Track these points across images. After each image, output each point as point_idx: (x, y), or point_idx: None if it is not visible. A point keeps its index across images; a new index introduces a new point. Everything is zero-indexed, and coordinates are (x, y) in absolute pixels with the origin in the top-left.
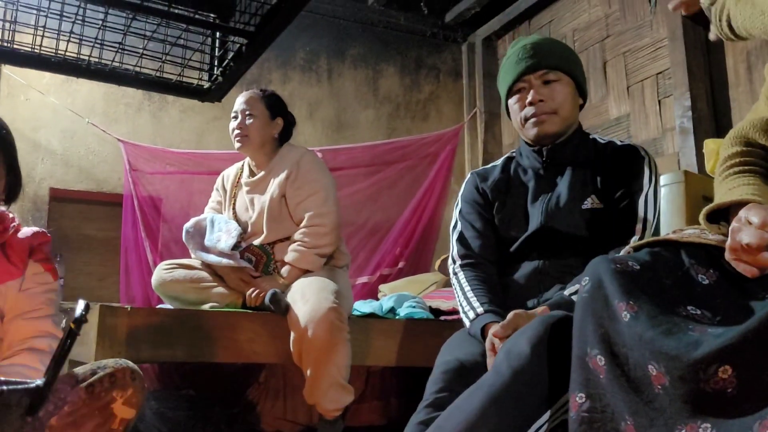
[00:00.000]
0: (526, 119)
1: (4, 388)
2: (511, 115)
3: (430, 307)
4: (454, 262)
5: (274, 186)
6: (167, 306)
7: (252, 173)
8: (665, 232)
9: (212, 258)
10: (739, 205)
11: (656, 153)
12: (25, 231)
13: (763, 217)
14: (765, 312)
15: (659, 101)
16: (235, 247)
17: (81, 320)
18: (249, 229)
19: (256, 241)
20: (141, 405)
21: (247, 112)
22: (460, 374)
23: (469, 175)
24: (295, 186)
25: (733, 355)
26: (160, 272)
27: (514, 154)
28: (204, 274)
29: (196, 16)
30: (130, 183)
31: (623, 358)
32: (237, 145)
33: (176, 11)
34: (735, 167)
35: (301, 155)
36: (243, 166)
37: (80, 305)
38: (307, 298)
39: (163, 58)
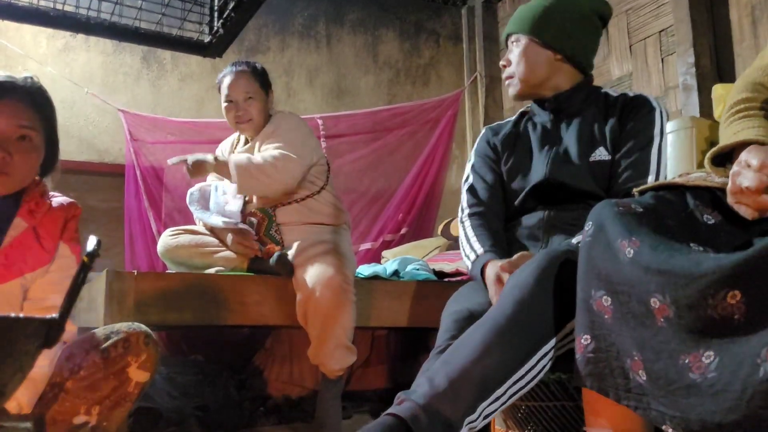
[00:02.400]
0: (503, 80)
1: (21, 315)
2: None
3: (433, 269)
4: (462, 211)
5: (258, 148)
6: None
7: (247, 141)
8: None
9: (214, 219)
10: (744, 146)
11: None
12: (57, 201)
13: (762, 159)
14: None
15: (662, 59)
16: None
17: (94, 254)
18: (247, 196)
19: (254, 206)
20: (155, 368)
21: (247, 96)
22: (471, 322)
23: (483, 130)
24: (271, 138)
25: (742, 279)
26: (166, 238)
27: (528, 110)
28: (209, 238)
29: None
30: (132, 153)
31: (626, 296)
32: (239, 129)
33: None
34: (741, 112)
35: (286, 116)
36: (238, 135)
37: (92, 240)
38: (313, 260)
39: (162, 10)
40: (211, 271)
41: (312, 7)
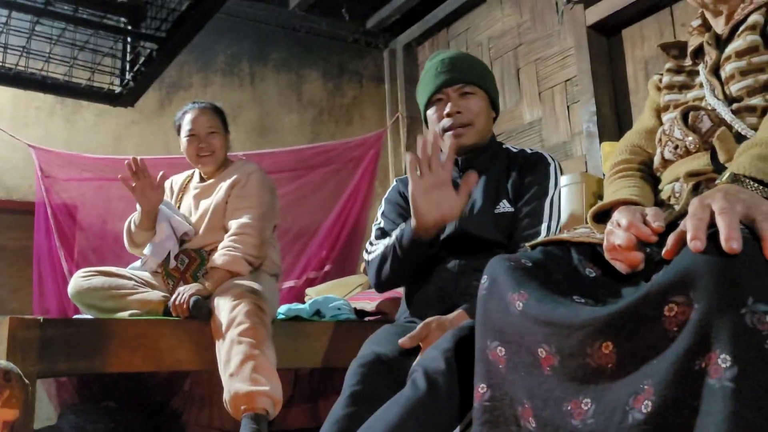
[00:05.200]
0: (444, 130)
1: None
2: (430, 125)
3: (355, 308)
4: (371, 245)
5: (221, 190)
6: (84, 316)
7: (202, 179)
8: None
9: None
10: (621, 205)
11: (566, 156)
12: None
13: (629, 219)
14: (638, 294)
15: (568, 107)
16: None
17: None
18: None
19: (192, 244)
20: (24, 402)
21: (211, 130)
22: (376, 368)
23: (394, 182)
24: (240, 193)
25: (613, 331)
26: (78, 280)
27: None
28: (123, 281)
29: (105, 21)
30: (43, 190)
31: (516, 346)
32: (199, 164)
33: (83, 16)
34: (620, 172)
35: (256, 170)
36: (193, 173)
37: None
38: (228, 299)
39: (71, 62)
40: (125, 314)
41: (235, 45)
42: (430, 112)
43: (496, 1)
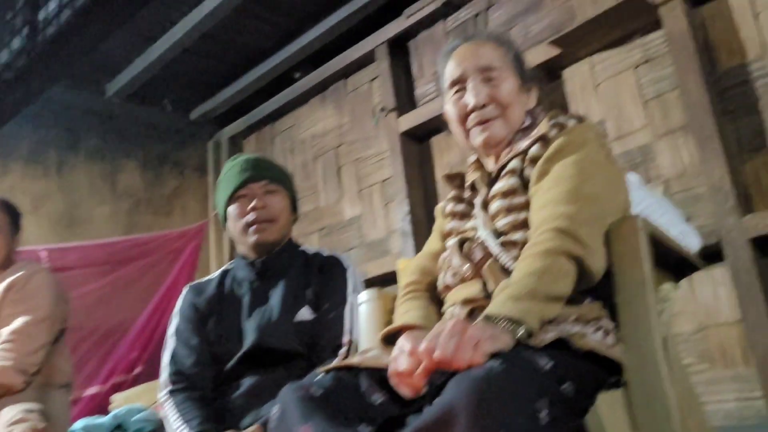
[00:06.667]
0: (248, 225)
1: None
2: (230, 222)
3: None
4: (164, 388)
5: None
6: None
7: None
8: (364, 345)
9: None
10: (408, 329)
11: (384, 252)
12: None
13: (413, 344)
14: (413, 426)
15: (386, 205)
16: None
17: None
18: None
19: None
20: None
21: None
22: None
23: (185, 289)
24: (15, 297)
25: None
26: None
27: (230, 267)
28: None
29: None
30: None
31: None
32: None
33: None
34: (410, 293)
35: (37, 271)
36: None
37: None
38: (1, 426)
39: None
40: None
41: (42, 131)
42: (232, 209)
43: (318, 101)
